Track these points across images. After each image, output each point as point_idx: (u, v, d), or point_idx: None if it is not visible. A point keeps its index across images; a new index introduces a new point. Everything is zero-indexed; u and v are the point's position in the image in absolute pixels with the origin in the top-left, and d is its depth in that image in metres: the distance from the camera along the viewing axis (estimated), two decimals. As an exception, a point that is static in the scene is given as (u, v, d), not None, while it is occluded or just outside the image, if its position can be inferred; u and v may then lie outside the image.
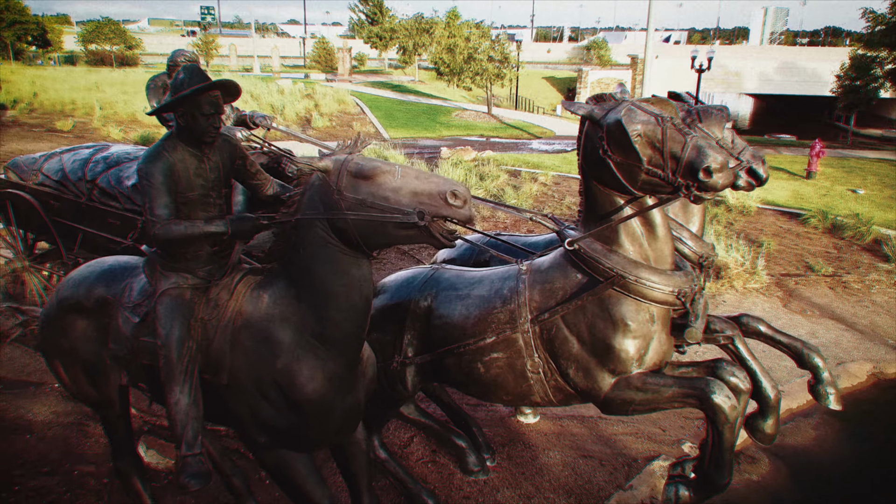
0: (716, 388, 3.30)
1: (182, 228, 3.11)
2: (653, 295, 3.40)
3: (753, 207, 10.87)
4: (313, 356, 3.06)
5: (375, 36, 38.64)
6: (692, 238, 4.18)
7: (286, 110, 20.08)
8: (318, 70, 43.21)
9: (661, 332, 3.52)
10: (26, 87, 18.61)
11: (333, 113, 20.91)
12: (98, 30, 37.75)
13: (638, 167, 3.22)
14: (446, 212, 2.77)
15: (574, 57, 66.55)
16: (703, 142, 3.09)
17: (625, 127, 3.20)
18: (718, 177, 3.06)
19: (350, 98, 23.65)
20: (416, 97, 27.71)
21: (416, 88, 30.44)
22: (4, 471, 4.52)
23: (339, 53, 39.94)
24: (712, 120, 4.22)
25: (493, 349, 3.77)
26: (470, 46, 20.86)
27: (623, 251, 3.45)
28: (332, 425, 3.19)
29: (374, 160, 2.92)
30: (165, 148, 3.18)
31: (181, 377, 3.13)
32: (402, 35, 32.18)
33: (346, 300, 2.99)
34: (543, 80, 45.71)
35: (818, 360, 4.21)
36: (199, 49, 39.05)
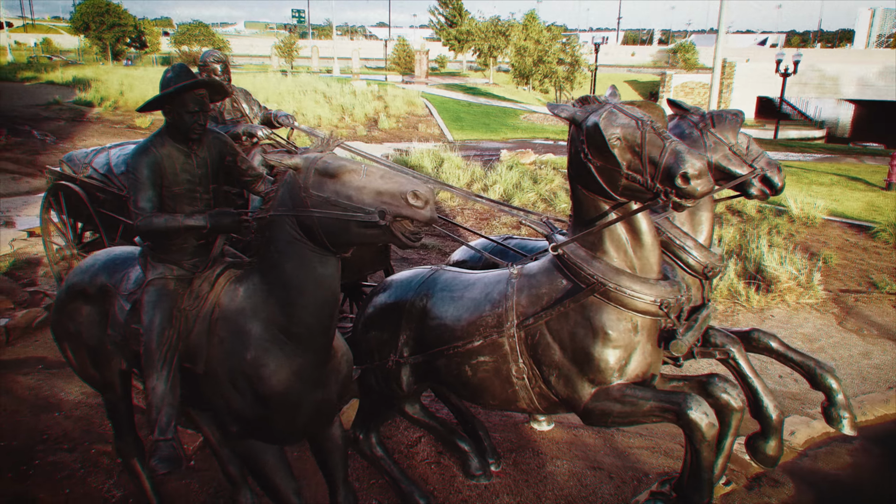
0: (693, 404, 3.17)
1: (163, 221, 3.24)
2: (633, 304, 3.30)
3: (819, 218, 10.31)
4: (280, 350, 3.12)
5: (454, 38, 38.87)
6: (697, 247, 4.02)
7: (355, 111, 20.45)
8: (396, 72, 43.85)
9: (646, 343, 3.41)
10: (115, 86, 19.71)
11: (401, 114, 21.15)
12: (188, 32, 39.61)
13: (618, 172, 3.13)
14: (407, 212, 2.78)
15: (659, 60, 65.00)
16: (681, 147, 2.98)
17: (602, 130, 3.12)
18: (696, 183, 2.94)
19: (420, 100, 23.86)
20: (487, 99, 27.68)
21: (490, 91, 30.42)
22: (29, 445, 4.81)
23: (416, 56, 40.41)
24: (726, 125, 4.06)
25: (480, 353, 3.74)
26: (540, 49, 20.67)
27: (607, 258, 3.36)
28: (299, 419, 3.24)
29: (342, 159, 2.95)
30: (154, 143, 3.32)
31: (159, 364, 3.26)
32: (478, 38, 32.25)
33: (311, 296, 3.03)
34: (625, 83, 44.83)
35: (832, 382, 3.98)
36: (281, 51, 40.30)
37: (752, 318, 7.78)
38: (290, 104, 20.17)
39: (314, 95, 22.19)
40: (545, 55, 20.21)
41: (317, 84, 24.91)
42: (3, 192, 10.78)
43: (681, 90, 38.95)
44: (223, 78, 5.41)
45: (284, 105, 19.97)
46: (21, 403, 5.25)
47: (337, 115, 19.68)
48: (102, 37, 36.62)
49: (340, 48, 46.57)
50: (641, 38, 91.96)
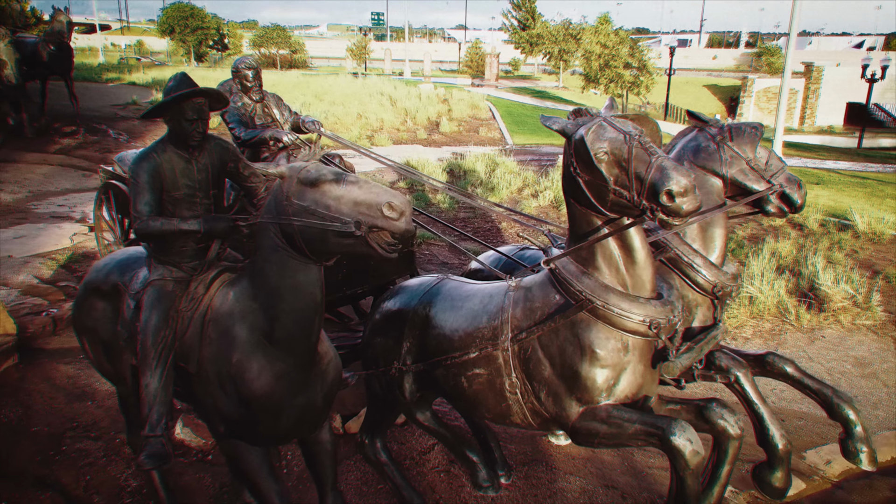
0: (677, 430, 3.05)
1: (159, 225, 3.36)
2: (621, 323, 3.21)
3: (888, 234, 9.72)
4: (263, 354, 3.18)
5: (525, 41, 38.67)
6: (707, 265, 3.87)
7: (418, 114, 20.61)
8: (468, 75, 43.95)
9: (637, 364, 3.31)
10: (190, 87, 20.50)
11: (464, 118, 21.17)
12: (266, 35, 40.89)
13: (605, 187, 3.06)
14: (382, 223, 2.80)
15: (742, 63, 62.76)
16: (668, 163, 2.87)
17: (588, 144, 3.05)
18: (682, 201, 2.84)
19: (484, 103, 23.82)
20: (554, 103, 27.38)
21: (558, 95, 30.09)
22: (60, 431, 5.07)
23: (487, 59, 40.37)
24: (744, 138, 3.90)
25: (475, 364, 3.72)
26: (607, 53, 20.30)
27: (598, 274, 3.28)
28: (282, 422, 3.30)
29: (325, 169, 2.99)
30: (156, 149, 3.45)
31: (153, 363, 3.38)
32: (549, 41, 31.97)
33: (291, 303, 3.08)
34: (705, 87, 43.54)
35: (850, 413, 3.77)
36: (353, 53, 41.03)
37: (801, 339, 7.42)
38: (355, 106, 20.52)
39: (380, 98, 22.48)
40: (612, 59, 19.80)
41: (384, 87, 25.23)
42: (73, 187, 11.41)
43: (763, 95, 37.46)
44: (254, 84, 5.56)
45: (349, 107, 20.33)
46: (58, 391, 5.54)
47: (399, 118, 19.88)
48: (186, 39, 38.26)
49: (413, 50, 47.01)
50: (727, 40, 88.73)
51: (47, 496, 4.40)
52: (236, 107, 5.52)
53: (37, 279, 7.13)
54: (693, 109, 4.62)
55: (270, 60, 41.30)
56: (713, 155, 3.97)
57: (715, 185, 3.99)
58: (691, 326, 3.99)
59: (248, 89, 5.56)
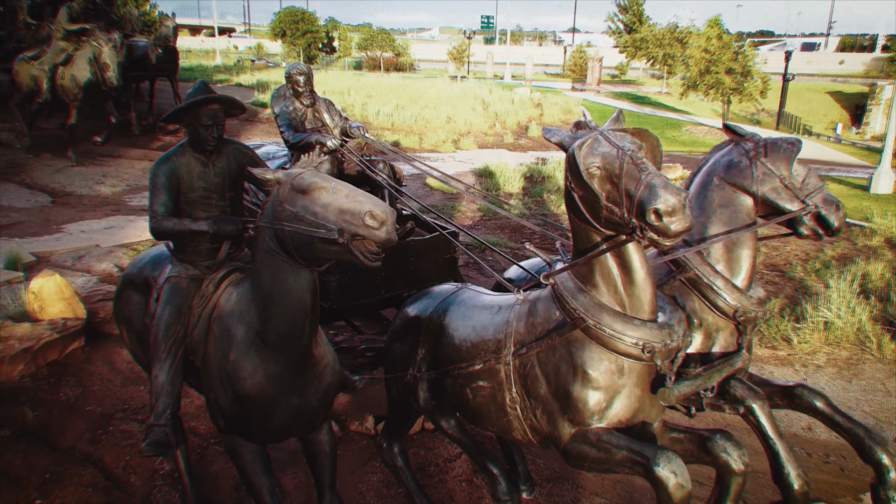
0: (662, 460, 2.90)
1: (171, 224, 3.54)
2: (614, 344, 3.09)
3: None
4: (256, 354, 3.29)
5: (631, 45, 37.71)
6: (728, 288, 3.66)
7: (508, 119, 20.54)
8: (570, 79, 43.38)
9: (634, 388, 3.18)
10: (291, 89, 21.38)
11: (554, 123, 20.90)
12: (371, 38, 41.98)
13: (597, 203, 2.95)
14: (363, 231, 2.83)
15: (873, 69, 58.39)
16: (658, 180, 2.74)
17: (579, 159, 2.95)
18: (669, 221, 2.70)
19: (578, 108, 23.41)
20: (654, 109, 26.57)
21: (660, 100, 29.17)
22: (111, 412, 5.41)
23: (589, 63, 39.68)
24: (779, 154, 3.68)
25: (479, 377, 3.69)
26: (707, 57, 19.45)
27: (595, 292, 3.18)
28: (275, 421, 3.39)
29: (317, 176, 3.04)
30: (175, 153, 3.64)
31: (163, 356, 3.56)
32: (652, 45, 31.01)
33: (282, 306, 3.16)
34: (827, 94, 40.94)
35: (884, 456, 3.47)
36: (453, 56, 41.37)
37: (881, 370, 6.85)
38: (446, 110, 20.69)
39: (472, 102, 22.57)
40: (712, 64, 18.94)
41: (479, 90, 25.31)
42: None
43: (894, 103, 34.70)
44: (305, 89, 5.73)
45: (440, 110, 20.54)
46: (116, 374, 5.91)
47: (489, 122, 19.88)
48: (296, 43, 39.93)
49: (516, 54, 46.94)
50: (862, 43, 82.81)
51: (88, 472, 4.71)
52: (287, 111, 5.71)
53: (116, 268, 7.64)
54: (810, 118, 4.38)
55: (375, 63, 42.36)
56: (744, 171, 3.75)
57: (744, 204, 3.76)
58: (711, 352, 3.79)
59: (300, 94, 5.73)
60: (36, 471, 4.62)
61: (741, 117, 28.06)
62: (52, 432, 5.06)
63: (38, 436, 4.97)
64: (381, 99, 21.57)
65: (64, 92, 11.17)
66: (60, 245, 8.34)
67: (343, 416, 5.71)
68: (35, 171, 11.39)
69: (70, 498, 4.49)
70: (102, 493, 4.61)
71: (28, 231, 8.84)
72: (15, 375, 5.47)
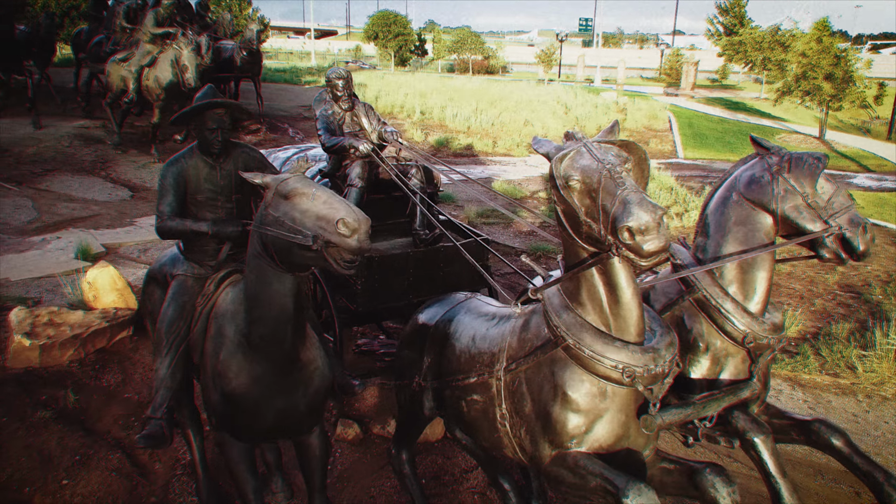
0: (632, 492, 2.75)
1: (174, 224, 3.65)
2: (592, 366, 2.96)
3: None
4: (242, 355, 3.34)
5: (731, 49, 36.12)
6: (739, 311, 3.44)
7: (588, 123, 20.11)
8: (664, 83, 42.03)
9: (617, 412, 3.03)
10: (374, 91, 21.77)
11: (637, 129, 20.30)
12: (461, 40, 42.14)
13: (577, 217, 2.83)
14: (335, 239, 2.83)
15: None
16: (633, 197, 2.59)
17: (560, 172, 2.84)
18: (642, 240, 2.55)
19: (664, 114, 22.69)
20: (748, 116, 25.35)
21: (755, 107, 27.79)
22: (146, 400, 5.63)
23: (683, 67, 38.29)
24: (803, 170, 3.43)
25: (474, 390, 3.63)
26: (804, 62, 18.33)
27: (581, 310, 3.06)
28: (261, 422, 3.43)
29: (300, 181, 3.06)
30: (184, 155, 3.76)
31: (165, 350, 3.68)
32: (750, 48, 29.55)
33: (265, 309, 3.20)
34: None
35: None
36: (541, 59, 40.92)
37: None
38: (525, 113, 20.50)
39: (554, 106, 22.26)
40: (810, 69, 17.79)
41: (563, 94, 24.93)
42: (241, 181, 12.58)
43: None
44: (343, 93, 5.79)
45: (519, 114, 20.37)
46: (160, 364, 6.18)
47: (567, 127, 19.51)
48: (387, 45, 40.67)
49: (608, 57, 45.97)
50: None
51: (115, 457, 4.94)
52: (326, 115, 5.78)
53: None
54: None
55: (465, 66, 42.47)
56: (765, 187, 3.49)
57: (762, 222, 3.51)
58: (718, 379, 3.55)
59: (338, 98, 5.80)
60: (68, 452, 4.88)
61: (848, 125, 26.33)
62: (89, 416, 5.34)
63: (75, 419, 5.26)
64: (462, 102, 21.61)
65: (148, 92, 11.83)
66: (129, 238, 8.81)
67: (367, 419, 5.74)
68: (120, 166, 12.11)
69: (95, 481, 4.72)
70: (126, 478, 4.82)
71: (103, 223, 9.39)
72: (64, 360, 5.81)
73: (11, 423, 4.99)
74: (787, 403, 6.26)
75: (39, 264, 7.62)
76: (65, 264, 7.52)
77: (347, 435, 5.51)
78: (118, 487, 4.73)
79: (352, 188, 5.47)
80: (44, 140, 12.79)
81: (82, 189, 10.99)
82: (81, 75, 15.91)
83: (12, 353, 5.66)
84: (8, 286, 7.06)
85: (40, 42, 15.86)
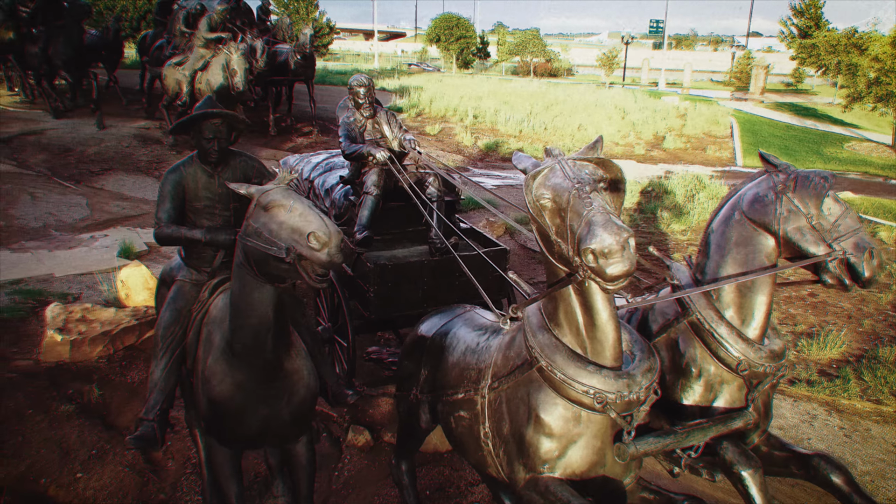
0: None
1: (170, 231, 3.73)
2: (564, 389, 2.89)
3: None
4: (226, 362, 3.39)
5: (804, 52, 34.65)
6: (734, 337, 3.28)
7: (644, 129, 19.63)
8: (733, 87, 40.74)
9: (593, 438, 2.94)
10: (429, 94, 21.83)
11: (696, 134, 19.67)
12: (522, 43, 41.80)
13: (548, 236, 2.76)
14: (306, 252, 2.85)
15: None
16: (599, 217, 2.50)
17: (530, 189, 2.77)
18: (605, 263, 2.47)
19: (726, 119, 21.94)
20: (817, 122, 24.25)
21: (827, 112, 26.57)
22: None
23: (753, 70, 36.96)
24: (808, 190, 3.27)
25: (461, 406, 3.59)
26: (877, 66, 17.39)
27: (558, 331, 2.99)
28: (243, 429, 3.47)
29: (282, 193, 3.08)
30: (184, 163, 3.83)
31: (160, 353, 3.77)
32: (824, 51, 28.20)
33: (244, 318, 3.24)
34: None
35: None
36: (602, 62, 40.20)
37: None
38: (580, 118, 20.18)
39: (611, 110, 21.85)
40: (883, 74, 16.82)
41: (622, 98, 24.46)
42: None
43: None
44: (365, 101, 5.82)
45: (573, 119, 20.06)
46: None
47: (622, 132, 19.11)
48: (449, 48, 40.79)
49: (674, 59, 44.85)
50: None
51: (130, 453, 5.08)
52: (348, 122, 5.82)
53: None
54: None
55: (527, 68, 42.16)
56: (768, 207, 3.32)
57: (764, 244, 3.33)
58: (712, 406, 3.40)
59: (360, 105, 5.83)
60: (85, 446, 5.06)
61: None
62: (111, 412, 5.52)
63: (97, 414, 5.44)
64: (517, 105, 21.46)
65: (200, 95, 12.18)
66: (172, 237, 9.08)
67: (379, 426, 5.75)
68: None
69: (108, 476, 4.87)
70: (138, 474, 4.96)
71: (149, 222, 9.70)
72: (93, 356, 6.03)
73: (36, 416, 5.21)
74: (820, 430, 5.95)
75: (84, 261, 7.95)
76: (106, 262, 7.81)
77: (358, 441, 5.53)
78: (129, 483, 4.87)
79: (367, 196, 5.49)
80: (105, 140, 13.33)
81: (135, 188, 11.41)
82: (146, 78, 16.56)
83: (45, 347, 5.90)
84: (52, 282, 7.38)
85: (109, 46, 16.62)
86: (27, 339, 6.21)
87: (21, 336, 6.26)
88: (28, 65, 15.13)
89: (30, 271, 7.57)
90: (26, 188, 10.55)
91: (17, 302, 6.77)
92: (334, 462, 5.37)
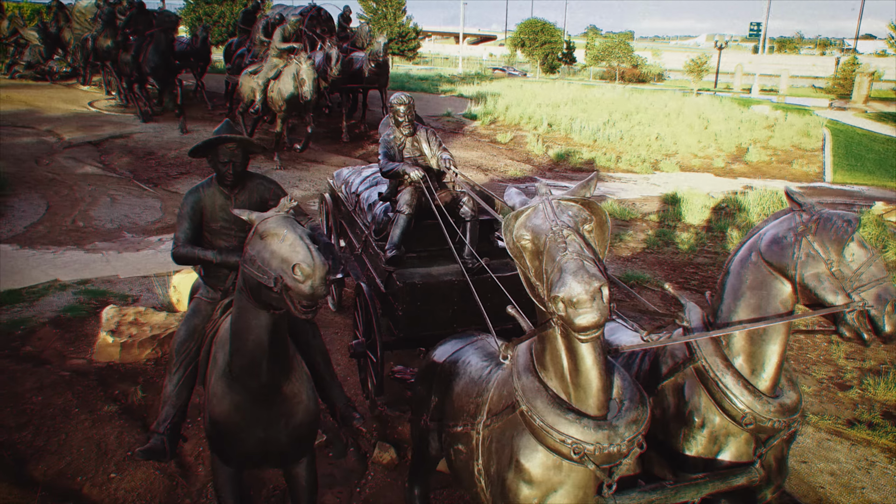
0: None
1: (186, 251, 3.85)
2: (542, 436, 2.79)
3: None
4: (226, 383, 3.47)
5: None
6: (742, 387, 3.09)
7: (726, 141, 18.81)
8: (835, 94, 38.59)
9: (575, 488, 2.84)
10: (505, 102, 21.72)
11: (783, 147, 18.67)
12: (607, 49, 41.06)
13: (528, 278, 2.69)
14: (290, 283, 2.88)
15: None
16: (573, 264, 2.41)
17: (512, 230, 2.70)
18: (573, 313, 2.38)
19: (819, 131, 20.75)
20: (922, 136, 22.65)
21: (938, 124, 24.78)
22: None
23: (856, 77, 34.83)
24: (829, 234, 3.05)
25: (459, 440, 3.54)
26: None
27: (544, 374, 2.90)
28: (242, 449, 3.53)
29: (279, 221, 3.11)
30: (203, 185, 3.95)
31: (174, 368, 3.90)
32: (935, 58, 26.23)
33: (242, 342, 3.30)
34: None
35: None
36: (691, 68, 38.89)
37: None
38: (658, 127, 19.57)
39: (693, 120, 21.08)
40: None
41: (707, 106, 23.56)
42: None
43: None
44: (404, 119, 5.83)
45: (651, 128, 19.48)
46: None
47: (703, 144, 18.40)
48: (534, 53, 40.55)
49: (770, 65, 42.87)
50: None
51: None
52: (388, 139, 5.86)
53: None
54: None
55: (613, 74, 41.38)
56: (786, 250, 3.09)
57: (779, 289, 3.11)
58: (716, 459, 3.20)
59: (399, 123, 5.86)
60: (123, 447, 5.28)
61: None
62: (150, 414, 5.75)
63: (138, 415, 5.69)
64: (594, 114, 21.05)
65: (272, 103, 12.59)
66: (232, 242, 9.41)
67: (405, 444, 5.74)
68: (244, 172, 12.95)
69: (140, 477, 5.07)
70: (168, 478, 5.14)
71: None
72: (142, 358, 6.31)
73: (82, 414, 5.49)
74: (877, 479, 5.53)
75: (147, 264, 8.34)
76: (164, 266, 8.16)
77: (383, 459, 5.54)
78: (158, 486, 5.05)
79: (399, 214, 5.51)
80: (187, 144, 13.95)
81: (208, 192, 11.88)
82: (230, 84, 17.27)
83: (98, 347, 6.22)
84: (116, 283, 7.78)
85: (197, 53, 17.43)
86: (84, 338, 6.56)
87: (79, 335, 6.62)
88: (122, 71, 16.07)
89: (98, 272, 8.01)
90: (108, 190, 11.18)
91: (81, 302, 7.17)
92: (358, 478, 5.40)
